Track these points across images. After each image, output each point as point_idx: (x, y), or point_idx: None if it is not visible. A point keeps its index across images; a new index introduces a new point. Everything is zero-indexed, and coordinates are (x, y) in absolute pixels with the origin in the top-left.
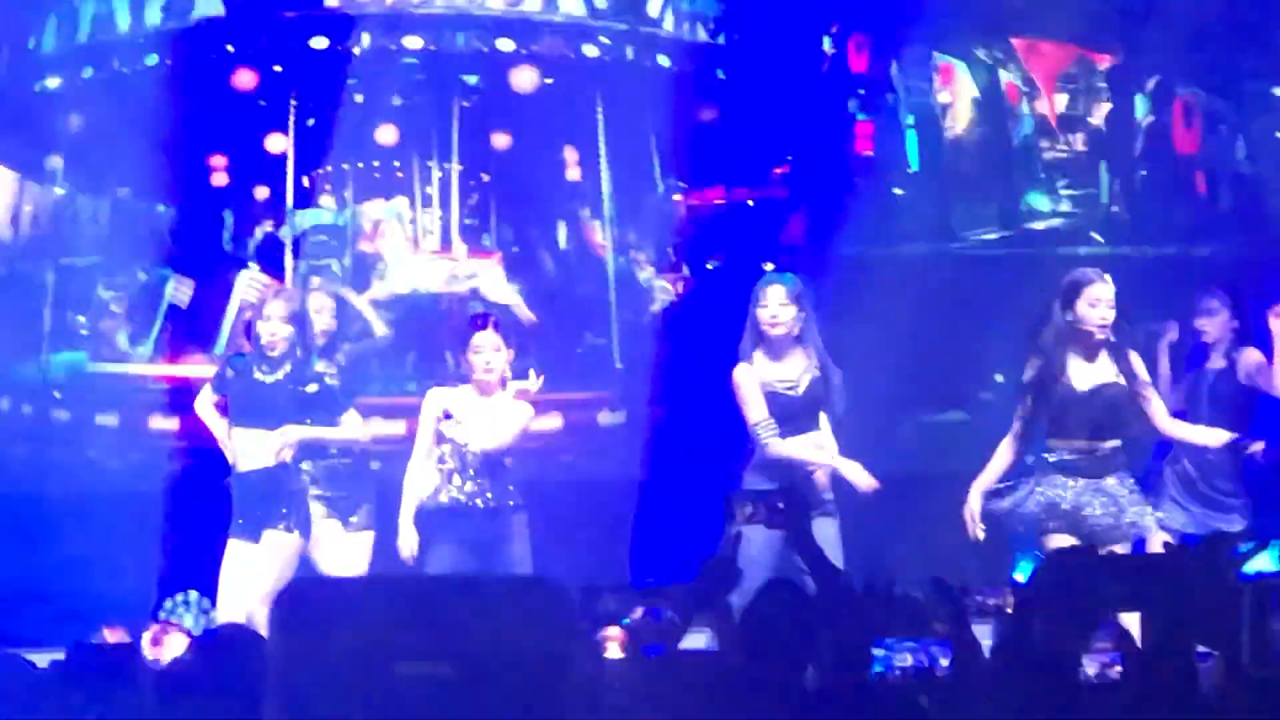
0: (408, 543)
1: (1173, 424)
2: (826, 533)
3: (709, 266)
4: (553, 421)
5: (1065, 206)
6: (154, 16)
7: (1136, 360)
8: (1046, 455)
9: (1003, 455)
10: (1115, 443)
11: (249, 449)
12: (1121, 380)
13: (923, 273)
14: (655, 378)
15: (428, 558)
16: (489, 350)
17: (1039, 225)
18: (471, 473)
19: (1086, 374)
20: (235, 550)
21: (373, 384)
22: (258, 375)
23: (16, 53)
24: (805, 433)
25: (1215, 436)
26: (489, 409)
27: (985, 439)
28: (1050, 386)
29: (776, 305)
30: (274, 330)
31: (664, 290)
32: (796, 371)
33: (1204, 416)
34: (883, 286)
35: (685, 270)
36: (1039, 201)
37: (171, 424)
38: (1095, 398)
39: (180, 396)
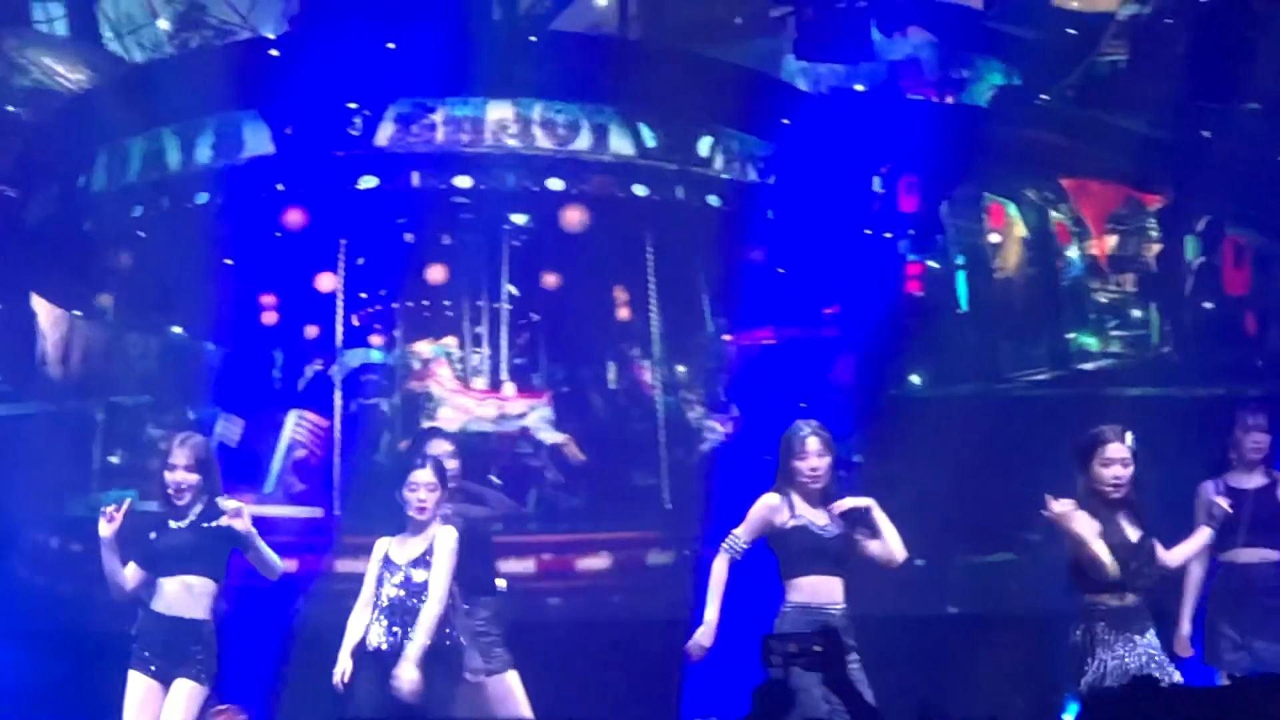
0: (340, 672)
1: (1176, 552)
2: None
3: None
4: (601, 561)
5: (1115, 347)
6: (204, 154)
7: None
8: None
9: None
10: (1134, 597)
11: (171, 595)
12: (1136, 537)
13: (971, 413)
14: (704, 517)
15: (354, 692)
16: (424, 489)
17: (1089, 366)
18: (396, 618)
19: (1105, 532)
20: (139, 685)
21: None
22: (171, 524)
23: (67, 191)
24: (834, 575)
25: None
26: (419, 545)
27: (1033, 580)
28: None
29: (815, 457)
30: (180, 478)
31: (713, 430)
32: (829, 518)
33: (1242, 536)
34: (932, 426)
35: (734, 410)
36: (1089, 342)
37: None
38: (1115, 554)
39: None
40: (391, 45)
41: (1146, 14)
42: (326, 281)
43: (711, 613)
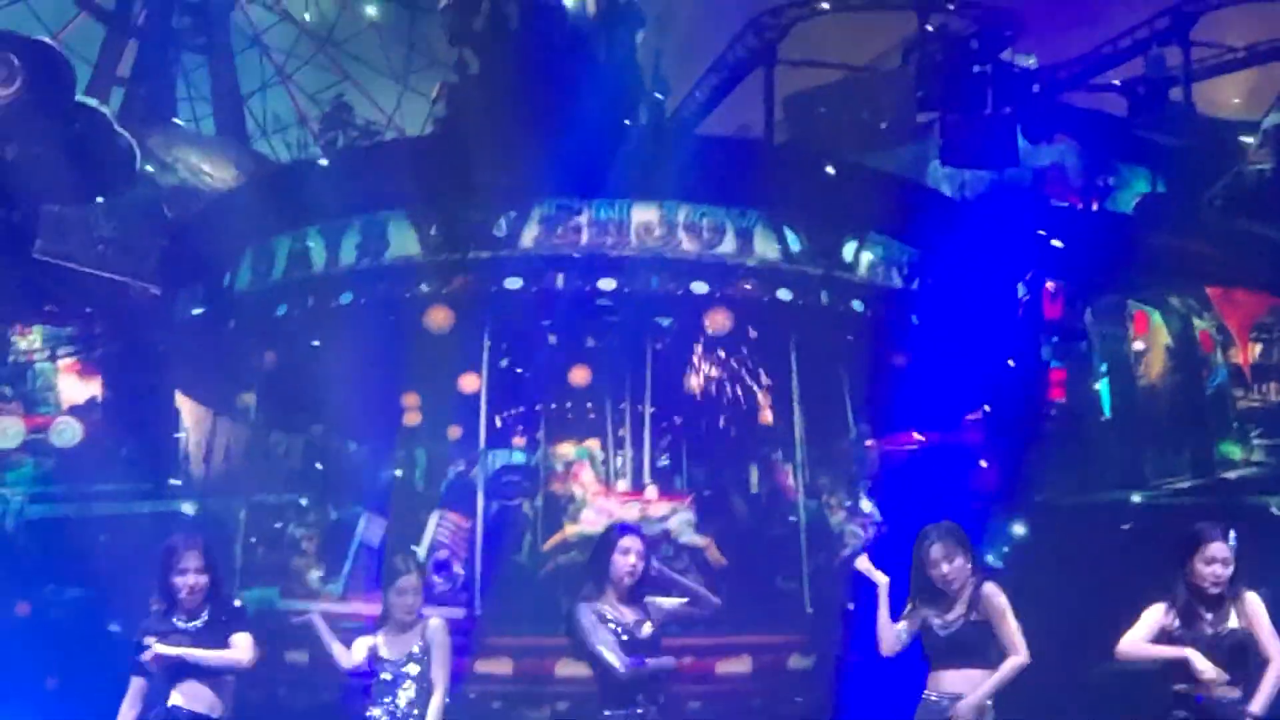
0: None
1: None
2: None
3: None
4: (742, 664)
5: (1258, 455)
6: (349, 255)
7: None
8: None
9: None
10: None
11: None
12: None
13: (1116, 520)
14: (846, 622)
15: None
16: (411, 593)
17: (1231, 475)
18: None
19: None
20: None
21: None
22: (179, 624)
23: (212, 289)
24: (962, 668)
25: None
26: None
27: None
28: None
29: (945, 563)
30: (190, 582)
31: (855, 535)
32: (956, 614)
33: None
34: (1076, 533)
35: (877, 515)
36: (1232, 450)
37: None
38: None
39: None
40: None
41: None
42: (470, 382)
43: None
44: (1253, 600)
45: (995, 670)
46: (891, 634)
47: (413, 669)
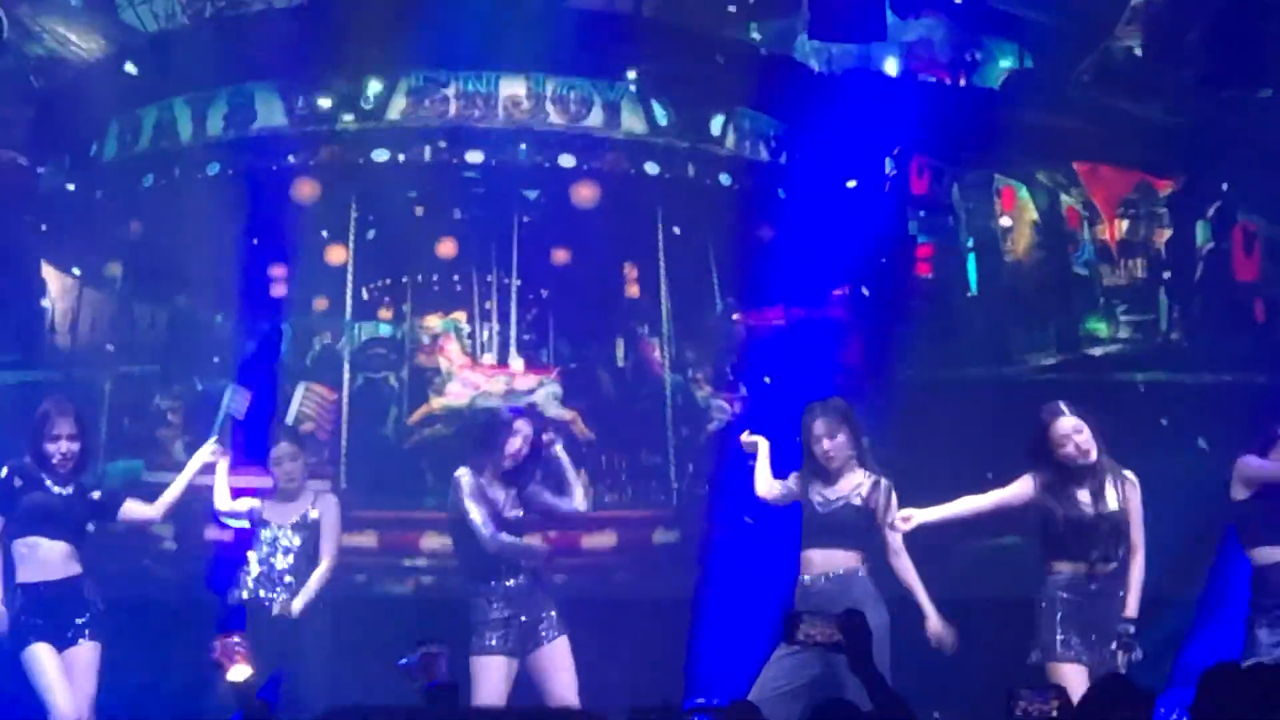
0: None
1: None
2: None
3: (765, 381)
4: (607, 539)
5: (1125, 332)
6: (216, 126)
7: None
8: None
9: None
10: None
11: (46, 559)
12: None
13: (980, 396)
14: (711, 497)
15: None
16: (286, 460)
17: (1098, 351)
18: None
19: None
20: (43, 653)
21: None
22: (52, 488)
23: (78, 159)
24: (832, 549)
25: None
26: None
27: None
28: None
29: (826, 439)
30: (63, 449)
31: (721, 410)
32: (838, 494)
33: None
34: (940, 409)
35: (743, 390)
36: (1098, 327)
37: (226, 535)
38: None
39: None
40: (413, 19)
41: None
42: (337, 254)
43: None
44: (1132, 484)
45: (864, 554)
46: (769, 483)
47: (293, 539)
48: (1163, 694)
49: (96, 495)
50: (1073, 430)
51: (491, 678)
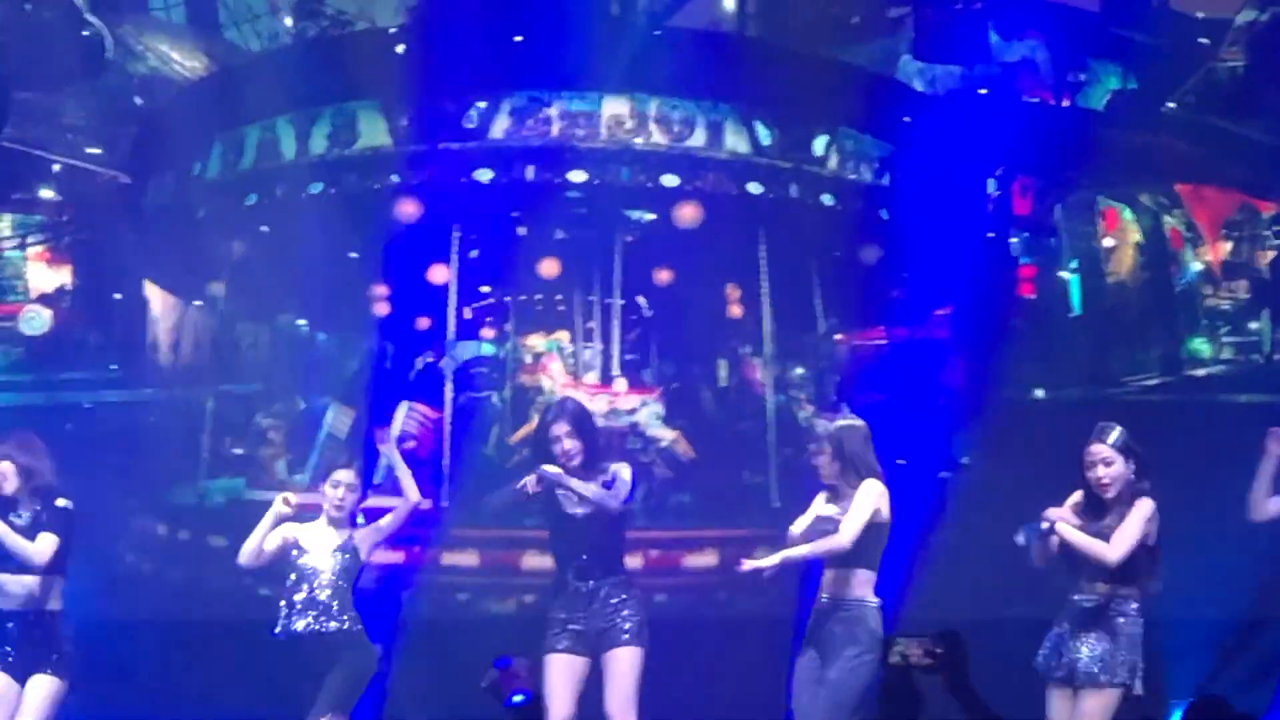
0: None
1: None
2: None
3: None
4: (708, 558)
5: (1227, 353)
6: (319, 145)
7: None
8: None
9: None
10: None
11: (6, 590)
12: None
13: (1081, 417)
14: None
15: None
16: (345, 488)
17: (1200, 372)
18: (318, 605)
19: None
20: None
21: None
22: (12, 519)
23: (181, 179)
24: (835, 568)
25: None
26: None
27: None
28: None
29: (818, 455)
30: (11, 483)
31: (824, 429)
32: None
33: None
34: (1041, 430)
35: (845, 409)
36: (1201, 348)
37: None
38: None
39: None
40: (517, 39)
41: (1265, 21)
42: (439, 274)
43: None
44: (1138, 505)
45: (874, 572)
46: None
47: (335, 565)
48: (1263, 717)
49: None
50: (1100, 459)
51: (554, 676)
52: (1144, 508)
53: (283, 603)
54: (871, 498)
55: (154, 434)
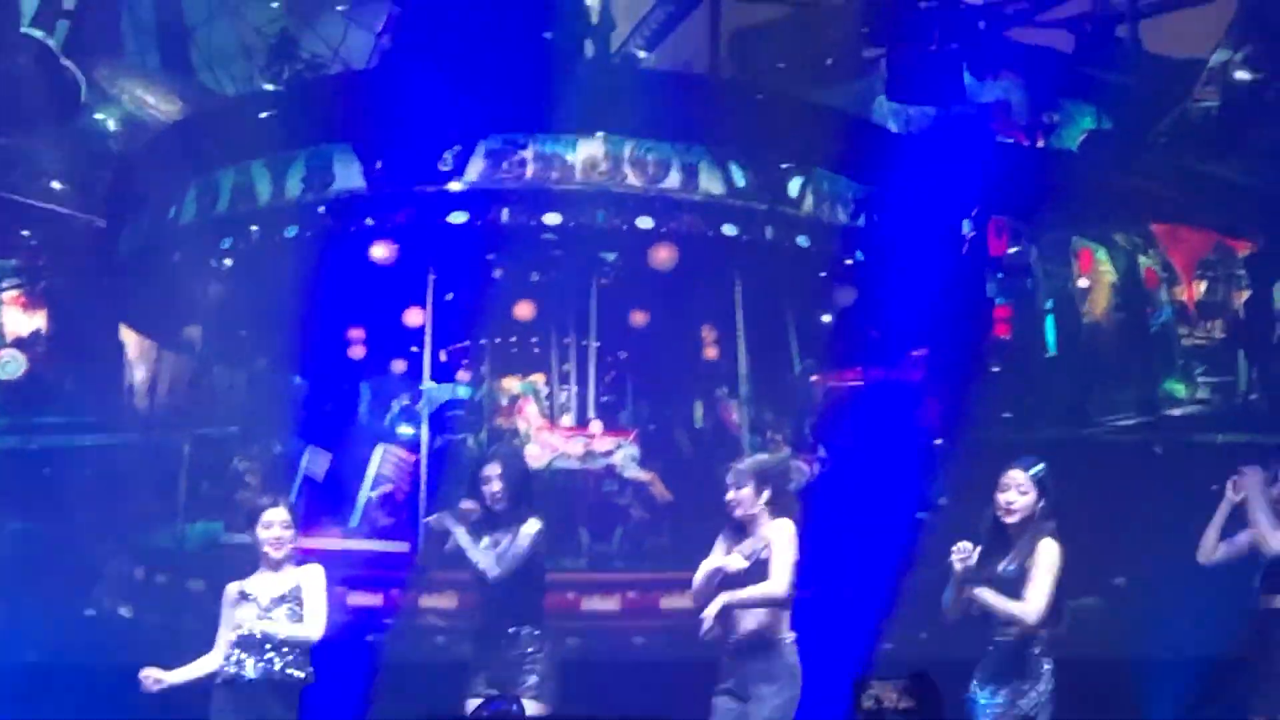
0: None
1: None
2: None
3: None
4: (685, 600)
5: (1203, 393)
6: (294, 189)
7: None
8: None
9: None
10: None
11: None
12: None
13: (1057, 457)
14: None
15: None
16: (278, 526)
17: (1176, 411)
18: (261, 651)
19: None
20: None
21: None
22: None
23: (157, 222)
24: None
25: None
26: (281, 582)
27: (1118, 625)
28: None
29: (731, 489)
30: None
31: (800, 471)
32: (751, 550)
33: None
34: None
35: (821, 450)
36: (1177, 388)
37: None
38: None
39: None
40: (483, 81)
41: (1239, 60)
42: (415, 316)
43: None
44: (1042, 547)
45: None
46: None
47: (282, 612)
48: None
49: None
50: (1015, 485)
51: None
52: (1050, 554)
53: (231, 650)
54: (790, 537)
55: (131, 477)
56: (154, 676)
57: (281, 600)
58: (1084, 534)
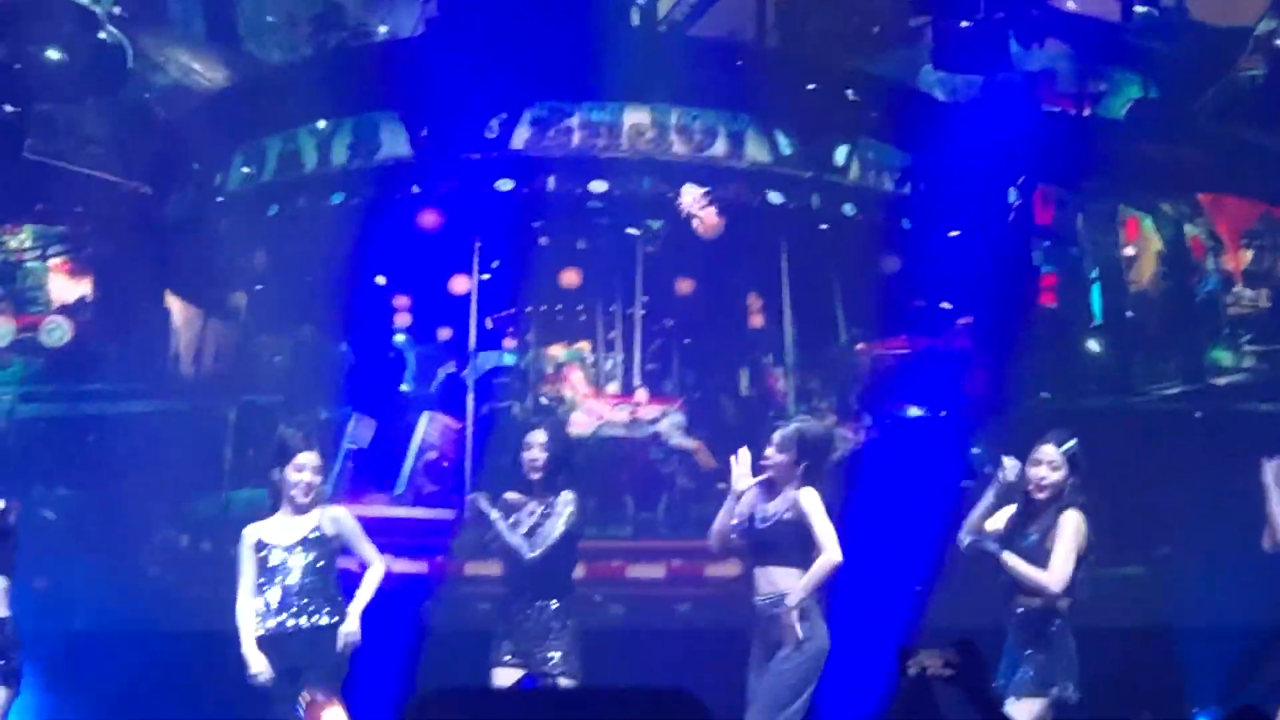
0: (257, 667)
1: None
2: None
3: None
4: (731, 568)
5: (1249, 362)
6: (340, 156)
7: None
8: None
9: None
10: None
11: None
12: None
13: (1103, 426)
14: (836, 526)
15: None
16: (310, 470)
17: (1221, 381)
18: (300, 599)
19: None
20: None
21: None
22: None
23: (203, 190)
24: (770, 566)
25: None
26: (305, 524)
27: (1163, 593)
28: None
29: (775, 450)
30: None
31: (845, 439)
32: (774, 510)
33: None
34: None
35: (867, 419)
36: (1222, 357)
37: (349, 563)
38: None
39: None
40: (529, 48)
41: None
42: (461, 284)
43: None
44: (1065, 519)
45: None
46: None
47: (302, 556)
48: None
49: None
50: (1047, 460)
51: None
52: (1073, 522)
53: (261, 603)
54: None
55: (176, 445)
56: (257, 672)
57: (303, 544)
58: (1128, 503)
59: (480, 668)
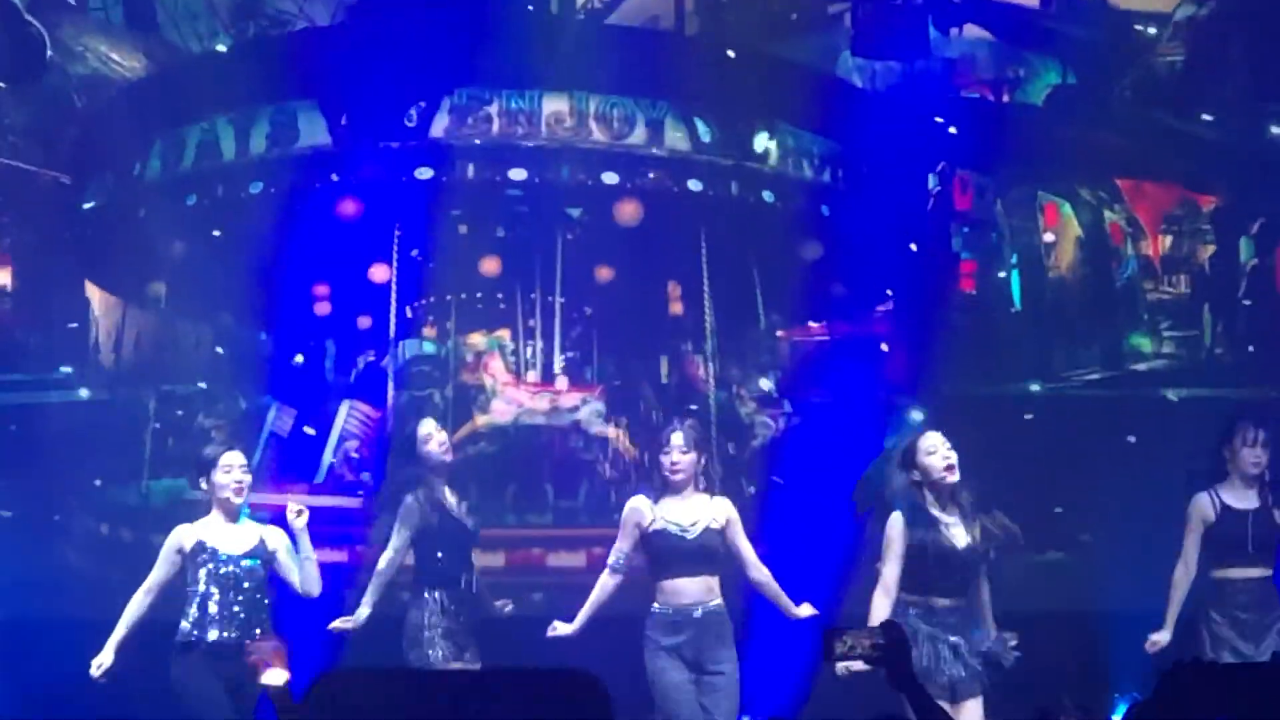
0: (106, 660)
1: None
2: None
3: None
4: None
5: (1168, 348)
6: (259, 145)
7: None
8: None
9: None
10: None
11: None
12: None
13: (1023, 412)
14: (756, 513)
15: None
16: (238, 470)
17: (1141, 366)
18: (236, 610)
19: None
20: None
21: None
22: None
23: (122, 179)
24: (699, 575)
25: None
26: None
27: (1083, 580)
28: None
29: (678, 453)
30: None
31: (766, 425)
32: (693, 516)
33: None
34: (983, 425)
35: (787, 405)
36: (1142, 343)
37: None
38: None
39: (280, 526)
40: (448, 36)
41: (1203, 14)
42: (380, 272)
43: (580, 619)
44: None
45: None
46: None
47: (249, 567)
48: None
49: None
50: (942, 442)
51: None
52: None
53: (193, 609)
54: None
55: (96, 434)
56: (98, 664)
57: (254, 554)
58: (1048, 490)
59: (402, 651)
